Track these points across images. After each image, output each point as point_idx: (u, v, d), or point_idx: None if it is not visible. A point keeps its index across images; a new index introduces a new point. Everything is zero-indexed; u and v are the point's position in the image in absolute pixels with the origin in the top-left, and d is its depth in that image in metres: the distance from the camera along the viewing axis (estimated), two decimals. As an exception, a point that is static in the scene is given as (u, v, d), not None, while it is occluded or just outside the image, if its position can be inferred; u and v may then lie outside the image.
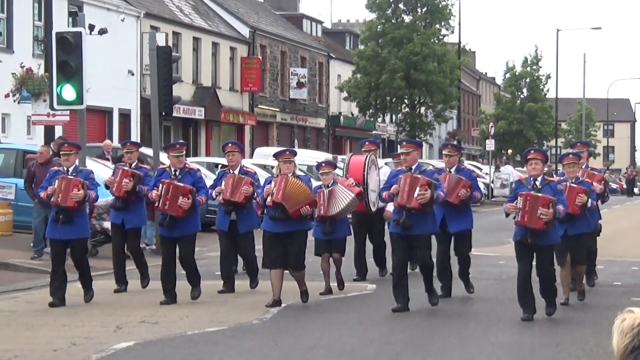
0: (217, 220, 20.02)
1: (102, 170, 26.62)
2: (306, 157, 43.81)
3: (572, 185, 17.99)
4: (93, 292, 18.62)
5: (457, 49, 72.67)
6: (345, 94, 72.82)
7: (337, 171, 31.00)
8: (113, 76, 48.34)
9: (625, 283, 22.64)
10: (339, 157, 39.22)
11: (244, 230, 19.52)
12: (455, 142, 39.11)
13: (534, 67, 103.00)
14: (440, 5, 68.89)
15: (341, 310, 17.78)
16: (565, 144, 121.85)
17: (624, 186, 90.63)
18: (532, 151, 17.17)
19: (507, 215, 16.81)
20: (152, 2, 57.60)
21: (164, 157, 24.15)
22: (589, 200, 18.08)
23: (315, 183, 21.13)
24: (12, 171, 28.06)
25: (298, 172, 18.32)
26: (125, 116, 52.19)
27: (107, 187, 20.83)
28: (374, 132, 78.90)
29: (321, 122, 76.70)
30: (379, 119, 76.94)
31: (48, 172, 19.39)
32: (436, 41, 69.20)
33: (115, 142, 40.37)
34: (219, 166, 30.32)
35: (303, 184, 17.51)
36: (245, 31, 67.30)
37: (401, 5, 69.06)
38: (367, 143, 22.69)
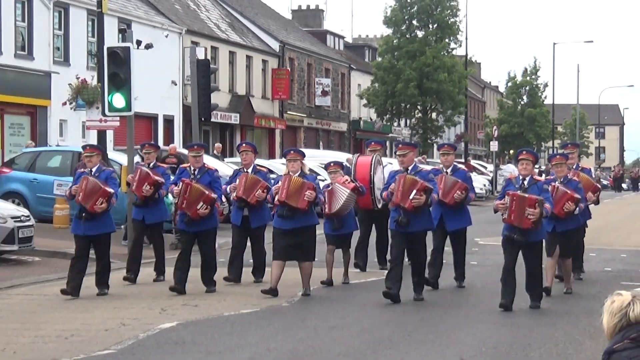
0: (232, 215, 19.41)
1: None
2: (330, 157, 43.86)
3: (564, 190, 17.20)
4: (108, 289, 17.65)
5: (464, 60, 72.45)
6: (364, 101, 72.62)
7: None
8: (158, 86, 48.40)
9: (615, 269, 22.59)
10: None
11: (256, 225, 18.85)
12: (452, 143, 38.70)
13: (533, 76, 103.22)
14: (449, 22, 68.80)
15: (359, 295, 17.63)
16: (562, 145, 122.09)
17: (613, 182, 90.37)
18: (524, 152, 16.55)
19: (496, 211, 16.27)
20: (192, 20, 57.67)
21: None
22: (577, 207, 17.26)
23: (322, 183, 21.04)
24: (69, 170, 28.08)
25: (307, 171, 17.55)
26: (169, 121, 52.22)
27: (128, 184, 20.38)
28: (390, 135, 78.91)
29: (343, 126, 76.68)
30: (395, 124, 76.76)
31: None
32: (446, 54, 69.15)
33: (176, 147, 40.36)
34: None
35: (302, 179, 16.80)
36: (275, 45, 67.27)
37: (415, 22, 68.97)
38: (372, 143, 21.98)
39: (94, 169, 17.47)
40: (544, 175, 19.73)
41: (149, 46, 36.44)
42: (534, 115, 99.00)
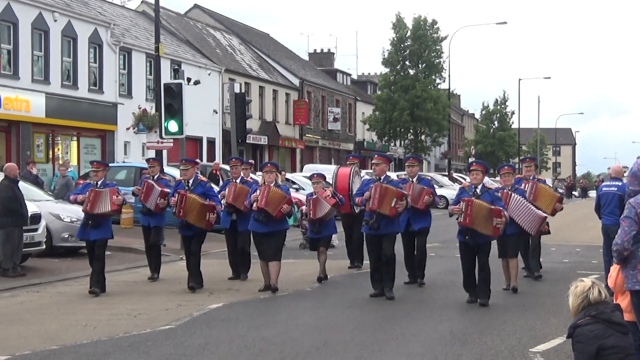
0: (221, 220, 17.57)
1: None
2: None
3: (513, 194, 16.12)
4: (101, 289, 16.06)
5: (447, 93, 72.47)
6: (367, 126, 72.66)
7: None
8: (202, 114, 48.50)
9: (571, 260, 22.56)
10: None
11: (242, 229, 17.35)
12: (417, 155, 37.90)
13: (502, 105, 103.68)
14: (435, 62, 68.76)
15: (365, 283, 16.75)
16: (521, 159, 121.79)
17: (566, 191, 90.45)
18: (473, 163, 15.28)
19: (451, 215, 15.10)
20: (229, 61, 57.81)
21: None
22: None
23: (295, 192, 20.37)
24: (132, 182, 28.16)
25: (280, 182, 16.67)
26: (211, 143, 52.24)
27: (134, 194, 19.18)
28: (387, 152, 78.97)
29: (350, 146, 76.67)
30: (392, 144, 76.77)
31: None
32: (432, 88, 69.06)
33: (212, 162, 40.44)
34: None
35: (281, 191, 15.85)
36: (296, 81, 67.32)
37: (407, 62, 68.90)
38: (350, 157, 21.04)
39: (99, 182, 16.29)
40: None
41: (196, 82, 36.54)
42: (503, 137, 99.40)
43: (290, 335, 12.21)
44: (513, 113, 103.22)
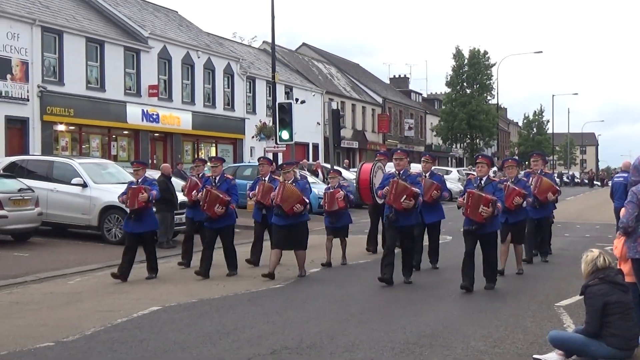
0: (253, 213, 15.53)
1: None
2: (412, 168, 43.77)
3: (513, 187, 13.81)
4: (156, 274, 14.00)
5: (496, 107, 71.55)
6: (434, 133, 72.35)
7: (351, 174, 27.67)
8: (308, 125, 48.62)
9: (592, 235, 21.92)
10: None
11: (270, 222, 14.20)
12: (431, 153, 36.33)
13: (539, 115, 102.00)
14: (486, 83, 68.40)
15: (362, 273, 14.18)
16: (559, 158, 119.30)
17: (588, 181, 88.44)
18: (480, 156, 12.65)
19: (459, 207, 12.46)
20: (329, 85, 57.88)
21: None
22: (524, 201, 13.90)
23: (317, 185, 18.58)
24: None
25: (298, 177, 13.92)
26: (315, 147, 52.37)
27: (182, 190, 16.39)
28: (450, 153, 78.78)
29: (421, 148, 76.05)
30: (453, 146, 76.10)
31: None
32: (484, 103, 68.61)
33: (310, 161, 40.69)
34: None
35: (295, 189, 13.31)
36: (379, 100, 66.99)
37: (465, 84, 68.62)
38: (379, 154, 17.69)
39: (139, 180, 13.96)
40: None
41: (302, 101, 36.87)
42: (540, 140, 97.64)
43: (369, 293, 12.17)
44: (548, 121, 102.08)
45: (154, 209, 14.80)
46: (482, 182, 12.18)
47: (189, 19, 45.29)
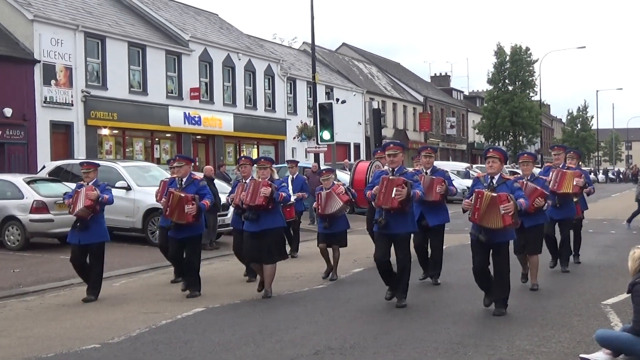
0: (232, 219, 13.65)
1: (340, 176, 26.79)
2: (453, 166, 43.74)
3: (534, 186, 11.79)
4: (96, 296, 11.97)
5: (539, 103, 70.85)
6: (477, 131, 71.81)
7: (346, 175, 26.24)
8: (349, 125, 48.62)
9: (638, 232, 21.64)
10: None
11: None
12: (434, 146, 32.01)
13: (584, 111, 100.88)
14: (529, 80, 67.74)
15: (374, 281, 13.09)
16: (604, 154, 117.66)
17: (632, 177, 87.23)
18: (490, 150, 10.19)
19: (464, 211, 9.98)
20: (369, 85, 57.78)
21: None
22: (546, 203, 11.97)
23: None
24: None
25: (275, 176, 11.78)
26: (356, 147, 52.28)
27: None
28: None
29: (463, 147, 75.68)
30: (496, 144, 75.50)
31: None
32: (527, 100, 67.88)
33: (351, 161, 40.66)
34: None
35: (266, 182, 11.37)
36: (421, 98, 66.74)
37: (507, 81, 68.00)
38: (378, 152, 15.24)
39: (90, 183, 11.98)
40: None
41: (343, 101, 36.85)
42: (585, 137, 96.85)
43: (411, 293, 11.97)
44: (592, 117, 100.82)
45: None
46: (494, 181, 9.95)
47: (229, 21, 45.68)
